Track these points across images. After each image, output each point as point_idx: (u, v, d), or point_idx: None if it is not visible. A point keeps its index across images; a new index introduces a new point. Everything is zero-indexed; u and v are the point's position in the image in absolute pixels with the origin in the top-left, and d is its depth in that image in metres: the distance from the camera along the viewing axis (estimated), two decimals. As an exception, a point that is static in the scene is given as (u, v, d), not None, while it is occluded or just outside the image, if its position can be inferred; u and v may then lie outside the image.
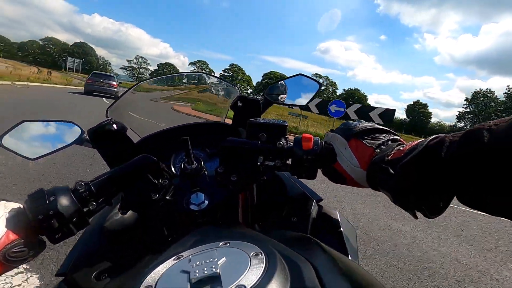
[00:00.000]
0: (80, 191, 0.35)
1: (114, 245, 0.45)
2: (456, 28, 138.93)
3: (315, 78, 0.70)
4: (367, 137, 0.40)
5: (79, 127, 0.55)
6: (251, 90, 76.88)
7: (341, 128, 0.43)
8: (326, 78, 76.64)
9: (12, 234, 0.30)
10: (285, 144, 0.41)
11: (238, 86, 0.74)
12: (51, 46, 69.42)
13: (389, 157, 0.33)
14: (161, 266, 0.23)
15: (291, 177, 0.56)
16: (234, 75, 72.28)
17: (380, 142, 0.38)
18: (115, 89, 13.97)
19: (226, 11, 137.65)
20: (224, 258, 0.22)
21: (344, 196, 2.83)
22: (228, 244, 0.25)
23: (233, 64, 73.18)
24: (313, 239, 0.34)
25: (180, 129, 0.65)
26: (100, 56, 76.89)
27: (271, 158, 0.42)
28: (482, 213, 0.27)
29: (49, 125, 0.55)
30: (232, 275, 0.20)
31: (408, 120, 62.36)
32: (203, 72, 0.95)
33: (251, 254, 0.23)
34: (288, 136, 0.43)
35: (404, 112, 64.56)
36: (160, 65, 75.20)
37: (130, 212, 0.43)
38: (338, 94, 73.23)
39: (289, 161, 0.42)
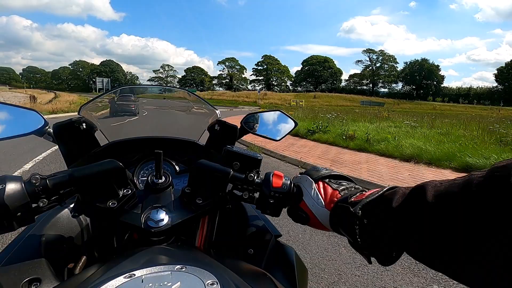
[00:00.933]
0: (35, 184, 0.37)
1: (56, 250, 0.45)
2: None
3: (292, 117, 0.81)
4: (333, 181, 0.46)
5: (44, 118, 0.60)
6: (290, 82, 75.35)
7: (310, 171, 0.49)
8: (381, 52, 71.97)
9: None
10: (256, 177, 0.47)
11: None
12: (80, 69, 79.13)
13: (352, 199, 0.39)
14: (110, 282, 0.24)
15: (254, 209, 0.57)
16: (268, 67, 71.50)
17: (344, 186, 0.45)
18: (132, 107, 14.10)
19: (243, 9, 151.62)
20: (178, 283, 0.25)
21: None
22: (183, 269, 0.27)
23: (266, 55, 73.49)
24: (268, 276, 0.38)
25: (152, 140, 0.71)
26: (127, 72, 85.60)
27: (239, 188, 0.47)
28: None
29: (12, 110, 0.59)
30: None
31: (500, 88, 57.55)
32: (187, 90, 0.86)
33: (207, 282, 0.25)
34: (260, 170, 0.49)
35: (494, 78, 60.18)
36: (188, 70, 79.84)
37: (81, 216, 0.45)
38: (399, 69, 68.15)
39: (256, 195, 0.47)
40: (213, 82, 76.72)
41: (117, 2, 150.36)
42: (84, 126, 0.63)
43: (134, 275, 0.26)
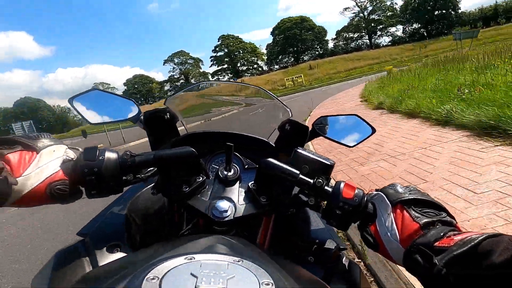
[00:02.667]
0: (126, 159, 0.55)
1: (136, 220, 0.66)
2: None
3: (369, 123, 0.90)
4: (415, 209, 0.47)
5: (138, 107, 0.85)
6: (262, 62, 75.80)
7: (388, 189, 0.52)
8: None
9: (62, 174, 0.52)
10: (325, 184, 0.55)
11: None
12: (-6, 118, 75.78)
13: (437, 244, 0.39)
14: (171, 261, 0.32)
15: (320, 217, 0.69)
16: (230, 49, 71.51)
17: (429, 220, 0.45)
18: None
19: (178, 11, 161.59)
20: (234, 276, 0.30)
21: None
22: (240, 262, 0.34)
23: (223, 35, 72.71)
24: None
25: (225, 135, 0.94)
26: (55, 106, 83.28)
27: (306, 193, 0.57)
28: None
29: (114, 99, 0.86)
30: None
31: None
32: (261, 88, 1.12)
33: (262, 281, 0.30)
34: (331, 178, 0.58)
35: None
36: (128, 82, 78.11)
37: (159, 195, 0.61)
38: (398, 8, 69.35)
39: (323, 203, 0.55)
40: (165, 87, 76.25)
41: (42, 37, 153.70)
42: (168, 116, 0.87)
43: (194, 258, 0.33)
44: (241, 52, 71.73)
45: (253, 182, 0.60)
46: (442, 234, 0.41)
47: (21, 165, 0.49)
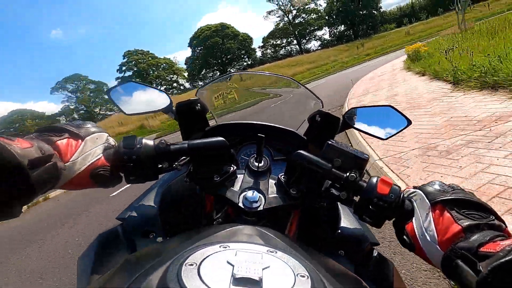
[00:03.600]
0: (161, 148, 0.64)
1: (170, 207, 0.79)
2: None
3: (405, 114, 0.94)
4: (458, 210, 0.47)
5: (170, 98, 0.98)
6: (184, 79, 74.93)
7: (428, 187, 0.54)
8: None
9: (103, 160, 0.62)
10: (358, 178, 0.59)
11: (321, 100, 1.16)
12: None
13: (481, 248, 0.40)
14: (207, 248, 0.37)
15: (351, 212, 0.76)
16: (140, 66, 67.83)
17: (473, 223, 0.45)
18: None
19: (86, 39, 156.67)
20: (269, 267, 0.34)
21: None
22: (274, 253, 0.38)
23: (129, 51, 68.36)
24: (364, 284, 0.46)
25: (255, 126, 1.04)
26: None
27: (338, 187, 0.61)
28: None
29: (148, 90, 0.99)
30: (274, 287, 0.31)
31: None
32: (292, 79, 1.33)
33: (297, 273, 0.34)
34: (365, 172, 0.62)
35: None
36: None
37: (191, 183, 0.68)
38: (322, 10, 74.55)
39: (356, 198, 0.60)
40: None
41: None
42: (199, 107, 0.97)
43: (229, 246, 0.37)
44: (154, 69, 68.03)
45: (283, 174, 0.66)
46: (487, 238, 0.42)
47: (69, 151, 0.58)
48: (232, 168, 0.66)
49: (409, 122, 0.93)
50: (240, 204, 0.62)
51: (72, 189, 0.62)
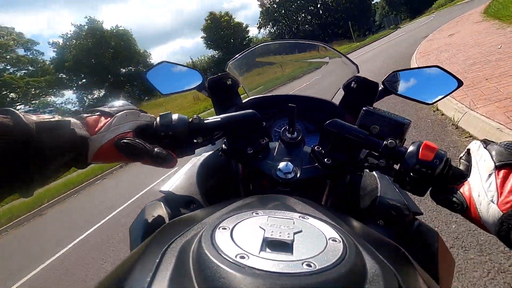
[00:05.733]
0: (195, 123, 0.64)
1: (209, 179, 0.81)
2: None
3: (454, 74, 0.87)
4: None
5: (202, 76, 0.98)
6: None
7: (498, 148, 0.49)
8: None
9: (132, 135, 0.61)
10: (397, 144, 0.56)
11: (357, 65, 1.05)
12: None
13: None
14: (239, 214, 0.38)
15: (390, 181, 0.73)
16: None
17: None
18: None
19: None
20: (300, 230, 0.35)
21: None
22: (307, 219, 0.38)
23: None
24: (402, 250, 0.44)
25: (287, 98, 1.04)
26: None
27: (376, 155, 0.59)
28: None
29: (181, 69, 1.02)
30: (305, 249, 0.31)
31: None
32: (324, 44, 1.20)
33: (329, 237, 0.34)
34: (405, 139, 0.59)
35: None
36: None
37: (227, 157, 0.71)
38: None
39: (396, 166, 0.57)
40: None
41: None
42: (230, 82, 0.97)
43: (262, 213, 0.39)
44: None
45: (317, 144, 0.65)
46: None
47: (97, 126, 0.60)
48: (265, 141, 0.67)
49: (460, 83, 0.86)
50: (274, 176, 0.62)
51: (105, 162, 0.63)
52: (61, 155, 0.54)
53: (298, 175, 0.62)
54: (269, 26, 61.05)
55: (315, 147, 0.65)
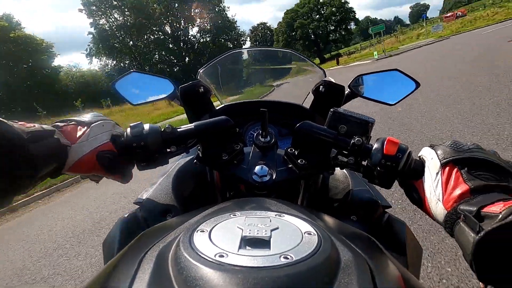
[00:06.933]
0: (168, 132, 0.65)
1: (185, 188, 0.81)
2: None
3: (412, 77, 0.93)
4: (470, 171, 0.47)
5: (174, 85, 0.98)
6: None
7: (442, 147, 0.53)
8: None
9: (111, 145, 0.62)
10: (364, 142, 0.59)
11: (324, 70, 1.11)
12: None
13: (484, 209, 0.40)
14: (217, 217, 0.39)
15: (360, 177, 0.76)
16: None
17: (482, 183, 0.44)
18: None
19: None
20: (277, 227, 0.36)
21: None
22: (283, 216, 0.39)
23: None
24: (372, 239, 0.46)
25: (259, 103, 1.06)
26: None
27: (345, 153, 0.62)
28: None
29: (151, 79, 1.01)
30: (282, 244, 0.33)
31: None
32: (293, 51, 1.27)
33: (304, 231, 0.35)
34: (371, 136, 0.63)
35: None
36: None
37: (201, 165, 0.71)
38: None
39: (364, 162, 0.60)
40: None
41: None
42: (202, 90, 0.97)
43: (237, 214, 0.40)
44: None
45: (290, 146, 0.66)
46: (494, 200, 0.41)
47: (75, 134, 0.60)
48: (239, 146, 0.67)
49: (418, 85, 0.91)
50: (250, 180, 0.63)
51: (81, 173, 0.63)
52: (47, 164, 0.54)
53: (274, 177, 0.63)
54: (104, 56, 46.25)
55: (288, 149, 0.66)
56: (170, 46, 49.24)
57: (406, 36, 43.36)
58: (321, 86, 0.95)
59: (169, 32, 48.83)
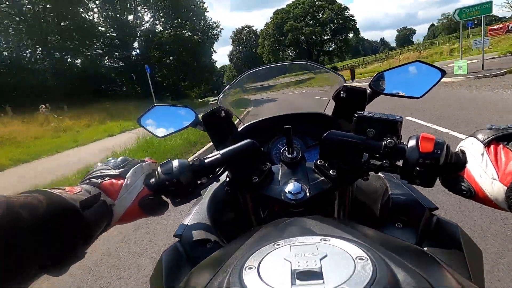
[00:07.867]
0: (196, 165, 0.66)
1: (219, 215, 0.83)
2: None
3: (436, 66, 0.90)
4: None
5: (195, 112, 0.99)
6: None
7: (479, 132, 0.53)
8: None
9: (147, 190, 0.65)
10: (396, 143, 0.57)
11: (342, 76, 1.10)
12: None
13: None
14: (261, 249, 0.37)
15: (397, 179, 0.75)
16: None
17: None
18: None
19: None
20: (325, 255, 0.34)
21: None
22: (328, 241, 0.37)
23: None
24: (429, 254, 0.44)
25: (280, 118, 1.07)
26: None
27: (378, 156, 0.60)
28: None
29: (172, 110, 1.04)
30: (335, 275, 0.31)
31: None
32: (308, 62, 1.33)
33: (355, 257, 0.33)
34: (401, 135, 0.60)
35: None
36: None
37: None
38: None
39: (400, 163, 0.58)
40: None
41: None
42: (223, 114, 0.97)
43: (283, 243, 0.38)
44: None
45: (318, 158, 0.65)
46: None
47: (115, 190, 0.61)
48: (267, 166, 0.66)
49: (443, 73, 0.88)
50: (284, 198, 0.61)
51: (127, 222, 0.66)
52: (99, 227, 0.55)
53: (308, 193, 0.61)
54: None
55: (318, 162, 0.64)
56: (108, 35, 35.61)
57: (432, 51, 36.00)
58: (341, 92, 0.94)
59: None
